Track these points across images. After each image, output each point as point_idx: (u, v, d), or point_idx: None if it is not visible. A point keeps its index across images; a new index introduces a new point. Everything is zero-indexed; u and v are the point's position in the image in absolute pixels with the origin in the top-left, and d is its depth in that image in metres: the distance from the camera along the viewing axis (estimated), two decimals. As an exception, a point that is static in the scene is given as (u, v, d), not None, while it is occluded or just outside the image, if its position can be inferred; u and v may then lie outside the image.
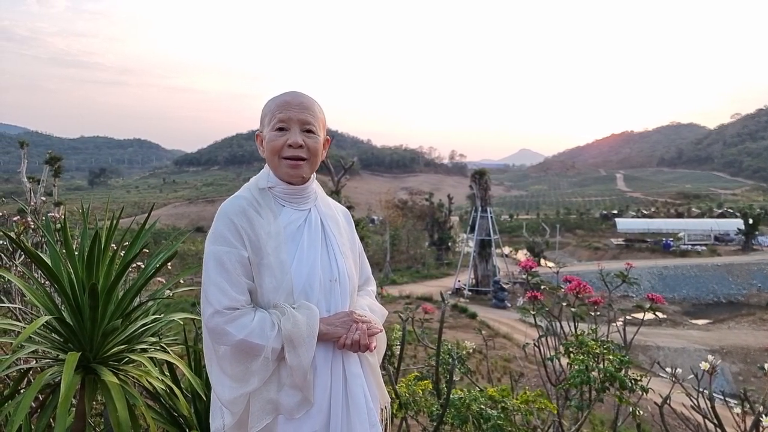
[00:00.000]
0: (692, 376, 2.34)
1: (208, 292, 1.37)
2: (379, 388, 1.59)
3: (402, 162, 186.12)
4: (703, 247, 46.10)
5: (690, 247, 46.21)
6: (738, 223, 47.70)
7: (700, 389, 2.33)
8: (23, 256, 3.31)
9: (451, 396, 2.61)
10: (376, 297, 1.76)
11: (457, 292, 29.36)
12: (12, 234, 2.65)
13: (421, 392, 2.89)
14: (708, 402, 2.29)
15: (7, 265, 3.20)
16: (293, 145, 1.46)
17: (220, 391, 1.42)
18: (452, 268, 35.85)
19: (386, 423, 1.62)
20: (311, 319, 1.37)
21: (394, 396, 2.74)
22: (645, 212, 74.14)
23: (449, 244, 45.41)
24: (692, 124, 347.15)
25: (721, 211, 65.97)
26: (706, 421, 2.33)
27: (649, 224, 56.73)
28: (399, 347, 3.30)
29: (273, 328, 1.34)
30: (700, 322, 29.65)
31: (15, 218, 3.64)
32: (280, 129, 1.47)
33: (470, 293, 29.54)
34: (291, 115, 1.46)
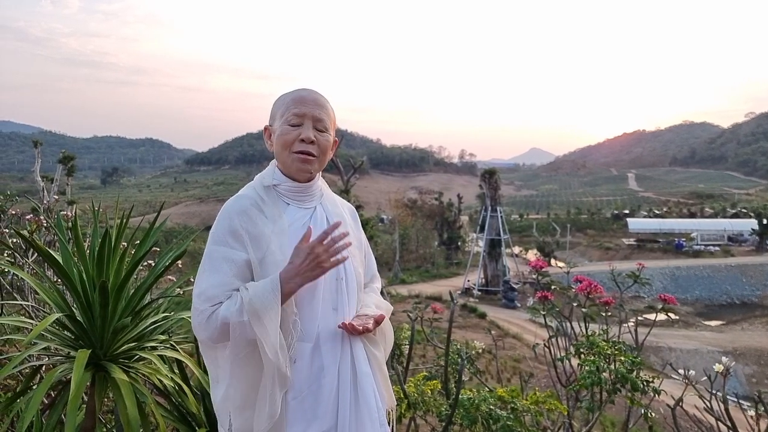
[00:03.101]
0: (705, 378, 2.31)
1: (197, 289, 1.39)
2: (387, 390, 1.58)
3: (411, 161, 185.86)
4: (717, 248, 45.56)
5: (703, 247, 45.70)
6: (752, 224, 47.08)
7: (713, 391, 2.30)
8: (36, 254, 3.35)
9: (460, 396, 2.60)
10: (383, 295, 1.75)
11: (467, 291, 29.30)
12: (25, 232, 2.68)
13: (429, 392, 2.88)
14: (721, 404, 2.26)
15: (21, 264, 3.23)
16: (305, 140, 1.46)
17: (211, 392, 1.44)
18: (462, 268, 35.76)
19: (392, 426, 1.61)
20: (272, 285, 1.32)
21: (402, 396, 2.74)
22: (657, 212, 73.43)
23: (459, 243, 45.29)
24: (705, 123, 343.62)
25: (734, 211, 65.17)
26: (720, 423, 2.30)
27: (662, 224, 56.20)
28: (408, 346, 3.29)
29: (235, 303, 1.33)
30: (713, 323, 29.34)
31: (28, 217, 3.69)
32: (294, 124, 1.47)
33: (480, 293, 29.45)
34: (306, 110, 1.47)
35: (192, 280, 2.85)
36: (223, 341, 1.37)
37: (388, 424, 1.55)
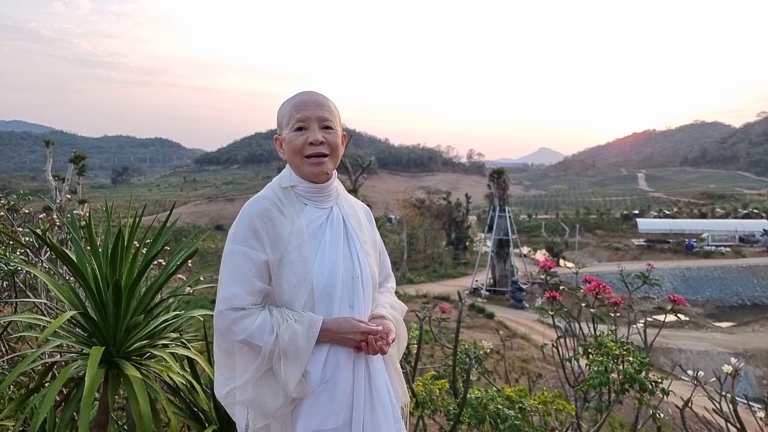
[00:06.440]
0: (714, 379, 2.30)
1: (219, 290, 1.42)
2: (401, 386, 1.62)
3: (419, 161, 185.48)
4: (728, 248, 45.10)
5: (714, 248, 45.26)
6: (764, 224, 46.62)
7: (723, 393, 2.29)
8: (49, 252, 3.39)
9: (468, 395, 2.61)
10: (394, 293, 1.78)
11: (475, 291, 29.23)
12: (38, 231, 2.72)
13: (438, 391, 2.89)
14: (730, 406, 2.25)
15: (34, 261, 3.28)
16: (314, 143, 1.48)
17: (216, 386, 1.48)
18: (470, 268, 35.69)
19: (406, 421, 1.64)
20: (310, 332, 1.38)
21: (411, 395, 2.75)
22: (667, 212, 72.81)
23: (467, 243, 45.20)
24: (717, 122, 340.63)
25: (746, 211, 64.51)
26: (729, 425, 2.29)
27: (672, 224, 55.69)
28: (416, 346, 3.30)
29: (271, 334, 1.37)
30: (724, 324, 29.07)
31: (41, 215, 3.74)
32: (300, 128, 1.49)
33: (488, 293, 29.36)
34: (309, 114, 1.49)
35: (202, 279, 2.89)
36: (245, 346, 1.43)
37: (402, 419, 1.57)
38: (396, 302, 1.70)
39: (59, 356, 2.12)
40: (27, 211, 4.37)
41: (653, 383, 2.15)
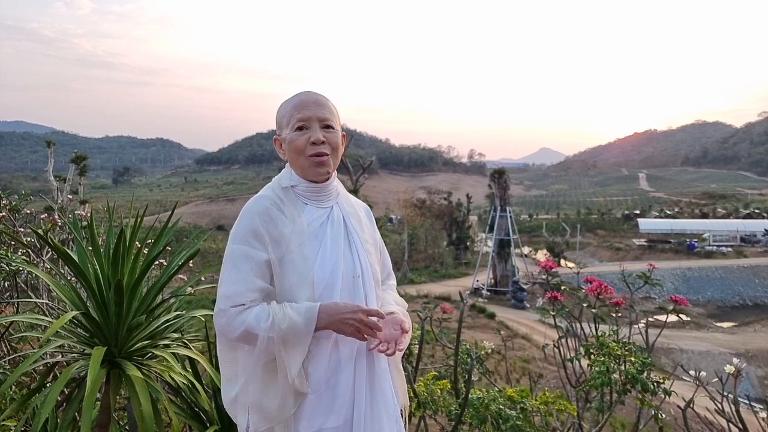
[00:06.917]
0: (716, 379, 2.29)
1: (220, 289, 1.41)
2: (401, 387, 1.62)
3: (420, 161, 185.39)
4: (729, 249, 45.03)
5: (715, 248, 45.18)
6: (765, 224, 46.56)
7: (725, 393, 2.28)
8: (50, 252, 3.39)
9: (469, 396, 2.61)
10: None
11: (476, 292, 29.21)
12: (40, 231, 2.72)
13: (439, 392, 2.89)
14: (732, 406, 2.25)
15: (35, 262, 3.28)
16: (316, 142, 1.48)
17: (222, 393, 1.47)
18: (471, 268, 35.67)
19: (405, 424, 1.64)
20: (308, 315, 1.37)
21: (412, 395, 2.75)
22: (668, 212, 72.72)
23: (468, 243, 45.16)
24: (718, 122, 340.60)
25: (747, 211, 64.44)
26: (731, 425, 2.29)
27: (673, 225, 55.60)
28: (417, 346, 3.30)
29: (267, 320, 1.36)
30: (725, 324, 29.04)
31: (42, 215, 3.74)
32: (300, 128, 1.50)
33: (489, 293, 29.35)
34: (309, 113, 1.49)
35: (203, 279, 2.89)
36: (244, 344, 1.41)
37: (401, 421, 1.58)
38: (399, 299, 1.71)
39: (61, 356, 2.12)
40: (28, 212, 4.37)
41: (655, 383, 2.15)
